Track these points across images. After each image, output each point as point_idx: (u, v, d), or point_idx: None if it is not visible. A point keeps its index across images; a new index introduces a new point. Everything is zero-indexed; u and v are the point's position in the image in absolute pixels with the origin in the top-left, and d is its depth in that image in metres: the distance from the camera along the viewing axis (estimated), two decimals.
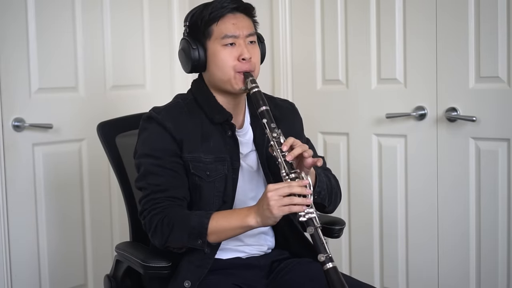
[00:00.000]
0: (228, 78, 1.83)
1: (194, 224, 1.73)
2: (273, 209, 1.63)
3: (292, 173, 1.69)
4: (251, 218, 1.69)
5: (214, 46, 1.83)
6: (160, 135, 1.82)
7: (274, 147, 1.72)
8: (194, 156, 1.82)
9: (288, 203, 1.64)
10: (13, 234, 2.68)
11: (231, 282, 1.83)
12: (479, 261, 2.55)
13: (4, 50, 2.63)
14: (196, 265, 1.80)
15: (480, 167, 2.51)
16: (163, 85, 3.18)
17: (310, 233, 1.65)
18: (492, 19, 2.42)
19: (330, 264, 1.62)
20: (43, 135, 2.75)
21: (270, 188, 1.65)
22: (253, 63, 1.84)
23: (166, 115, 1.84)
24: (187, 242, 1.74)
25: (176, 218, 1.75)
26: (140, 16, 3.08)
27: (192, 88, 1.94)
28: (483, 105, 2.48)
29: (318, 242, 1.64)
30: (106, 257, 2.91)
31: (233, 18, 1.83)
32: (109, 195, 2.98)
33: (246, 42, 1.84)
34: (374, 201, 2.81)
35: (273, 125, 1.74)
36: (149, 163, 1.81)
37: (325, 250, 1.63)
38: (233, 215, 1.74)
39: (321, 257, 1.63)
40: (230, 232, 1.74)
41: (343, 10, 2.82)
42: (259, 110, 1.77)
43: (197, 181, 1.83)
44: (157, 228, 1.76)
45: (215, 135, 1.85)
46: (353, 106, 2.83)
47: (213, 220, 1.73)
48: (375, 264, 2.83)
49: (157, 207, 1.77)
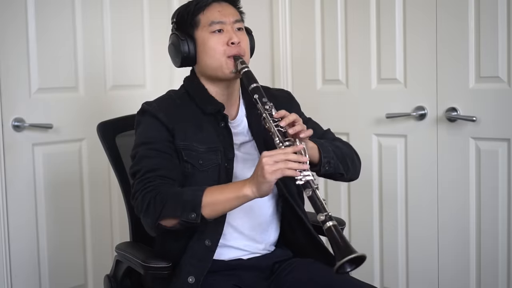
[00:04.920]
0: (219, 64, 1.84)
1: (187, 197, 1.72)
2: (266, 174, 1.63)
3: (286, 141, 1.69)
4: (247, 187, 1.68)
5: (203, 34, 1.85)
6: (153, 125, 1.84)
7: (266, 119, 1.73)
8: (186, 144, 1.83)
9: (282, 166, 1.63)
10: (13, 234, 2.68)
11: (232, 283, 1.82)
12: (479, 261, 2.56)
13: (4, 50, 2.63)
14: (198, 259, 1.79)
15: (480, 167, 2.51)
16: (163, 85, 3.16)
17: (308, 196, 1.65)
18: (492, 19, 2.43)
19: (330, 222, 1.61)
20: (43, 135, 2.75)
21: (265, 154, 1.65)
22: (242, 48, 1.85)
23: (158, 106, 1.86)
24: (180, 216, 1.71)
25: (169, 194, 1.74)
26: (140, 15, 3.07)
27: (184, 84, 1.96)
28: (483, 105, 2.48)
29: (317, 202, 1.63)
30: (106, 257, 2.91)
31: (219, 6, 1.87)
32: (109, 195, 2.97)
33: (234, 29, 1.86)
34: (374, 201, 2.81)
35: (264, 99, 1.75)
36: (143, 149, 1.83)
37: (324, 209, 1.62)
38: (228, 187, 1.74)
39: (320, 216, 1.62)
40: (226, 204, 1.72)
41: (343, 10, 2.82)
42: (250, 87, 1.78)
43: (189, 168, 1.83)
44: (149, 205, 1.74)
45: (208, 126, 1.86)
46: (353, 106, 2.83)
47: (208, 192, 1.72)
48: (375, 264, 2.83)
49: (149, 185, 1.76)
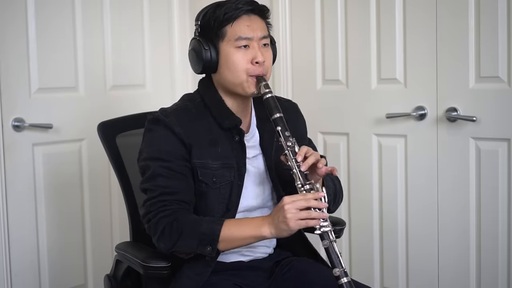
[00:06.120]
0: (240, 82, 1.78)
1: (204, 230, 1.69)
2: (290, 222, 1.61)
3: (307, 184, 1.67)
4: (265, 228, 1.66)
5: (227, 48, 1.77)
6: (168, 138, 1.77)
7: (289, 156, 1.69)
8: (202, 162, 1.78)
9: (305, 217, 1.61)
10: (13, 234, 2.68)
11: (232, 283, 1.82)
12: (479, 261, 2.55)
13: (4, 50, 2.63)
14: (196, 273, 1.78)
15: (480, 167, 2.51)
16: (163, 85, 3.18)
17: (325, 247, 1.64)
18: (492, 19, 2.42)
19: (345, 279, 1.61)
20: (43, 135, 2.75)
21: (287, 201, 1.62)
22: (266, 67, 1.79)
23: (175, 119, 1.78)
24: (196, 249, 1.70)
25: (186, 223, 1.70)
26: (140, 16, 3.08)
27: (199, 89, 1.88)
28: (483, 105, 2.48)
29: (333, 256, 1.63)
30: (106, 257, 2.91)
31: (248, 20, 1.78)
32: (109, 195, 2.97)
33: (260, 45, 1.78)
34: (374, 201, 2.81)
35: (287, 133, 1.71)
36: (157, 165, 1.76)
37: (340, 265, 1.62)
38: (246, 223, 1.71)
39: (336, 272, 1.62)
40: (242, 241, 1.71)
41: (343, 10, 2.82)
42: (273, 117, 1.73)
43: (203, 187, 1.79)
44: (164, 231, 1.71)
45: (223, 140, 1.81)
46: (353, 106, 2.83)
47: (225, 227, 1.69)
48: (375, 264, 2.83)
49: (165, 209, 1.73)
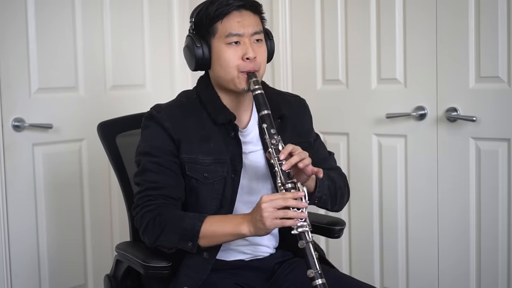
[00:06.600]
0: (232, 78, 1.79)
1: (186, 226, 1.71)
2: (266, 221, 1.61)
3: (288, 183, 1.66)
4: (244, 226, 1.67)
5: (218, 45, 1.78)
6: (158, 134, 1.81)
7: (272, 154, 1.68)
8: (191, 157, 1.80)
9: (282, 216, 1.61)
10: (13, 234, 2.68)
11: (233, 282, 1.82)
12: (479, 261, 2.55)
13: (4, 50, 2.63)
14: (195, 271, 1.79)
15: (480, 167, 2.51)
16: (163, 85, 3.18)
17: (301, 247, 1.63)
18: (492, 19, 2.42)
19: (319, 280, 1.60)
20: (43, 135, 2.75)
21: (265, 199, 1.62)
22: (257, 63, 1.79)
23: (166, 114, 1.81)
24: (177, 244, 1.73)
25: (169, 218, 1.73)
26: (140, 16, 3.08)
27: (197, 86, 1.90)
28: (483, 105, 2.48)
29: (309, 257, 1.62)
30: (106, 257, 2.91)
31: (239, 15, 1.77)
32: (109, 195, 2.98)
33: (252, 41, 1.78)
34: (374, 201, 2.81)
35: (273, 131, 1.70)
36: (147, 160, 1.80)
37: (315, 266, 1.61)
38: (227, 220, 1.72)
39: (310, 273, 1.61)
40: (222, 238, 1.72)
41: (343, 10, 2.82)
42: (260, 114, 1.73)
43: (193, 183, 1.81)
44: (148, 226, 1.75)
45: (217, 136, 1.82)
46: (353, 106, 2.83)
47: (206, 223, 1.71)
48: (375, 264, 2.83)
49: (150, 204, 1.76)
